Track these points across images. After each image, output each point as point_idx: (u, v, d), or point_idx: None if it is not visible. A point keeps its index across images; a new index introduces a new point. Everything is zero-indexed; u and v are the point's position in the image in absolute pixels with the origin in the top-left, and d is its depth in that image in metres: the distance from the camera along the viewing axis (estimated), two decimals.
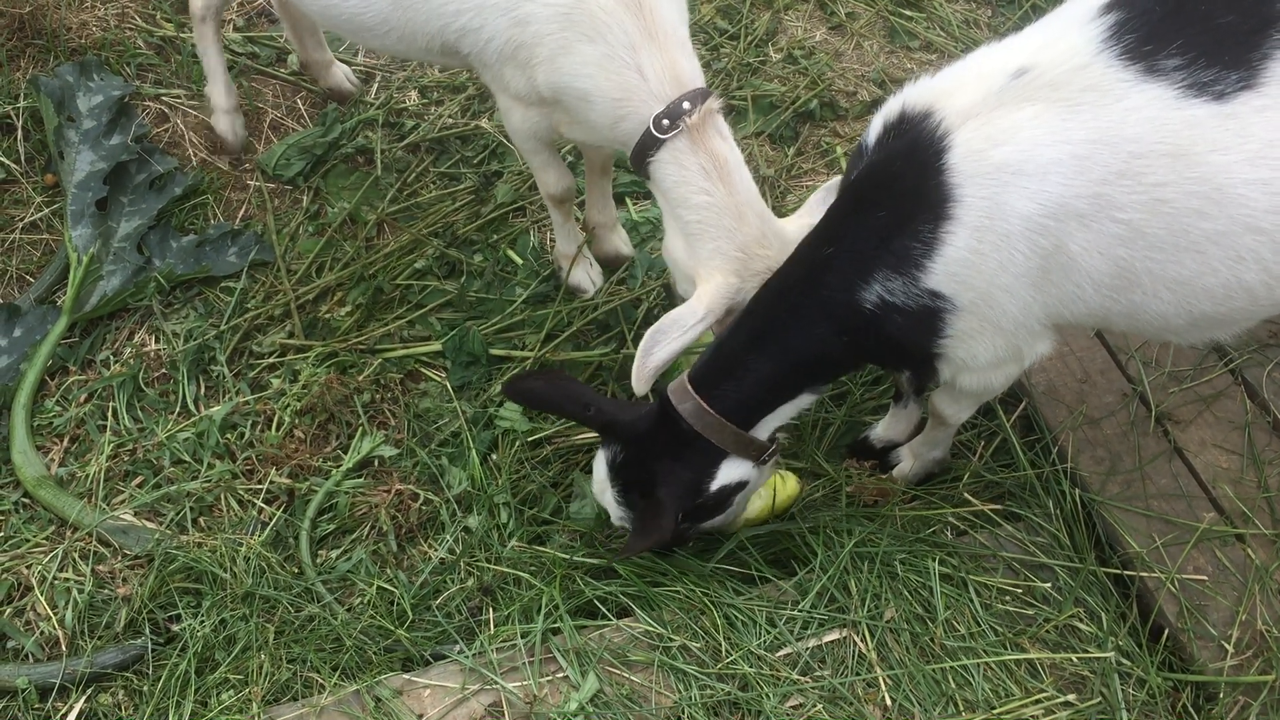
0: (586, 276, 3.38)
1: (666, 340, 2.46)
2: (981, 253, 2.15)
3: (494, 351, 3.25)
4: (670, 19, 2.55)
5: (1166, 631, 2.60)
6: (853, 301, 2.27)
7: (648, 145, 2.54)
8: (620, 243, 3.42)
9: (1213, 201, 2.07)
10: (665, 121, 2.51)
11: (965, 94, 2.17)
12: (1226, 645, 2.55)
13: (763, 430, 2.51)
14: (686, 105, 2.50)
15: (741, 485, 2.56)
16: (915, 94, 2.25)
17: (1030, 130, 2.10)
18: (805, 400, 2.51)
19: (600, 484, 2.62)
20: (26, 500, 3.00)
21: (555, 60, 2.56)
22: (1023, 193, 2.10)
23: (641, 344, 2.46)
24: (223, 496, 3.00)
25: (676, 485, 2.50)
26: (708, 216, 2.54)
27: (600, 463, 2.60)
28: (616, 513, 2.62)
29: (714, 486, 2.52)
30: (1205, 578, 2.66)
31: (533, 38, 2.56)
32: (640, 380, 2.46)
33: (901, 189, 2.20)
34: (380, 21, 2.77)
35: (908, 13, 4.32)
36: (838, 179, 2.57)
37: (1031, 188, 2.10)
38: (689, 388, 2.45)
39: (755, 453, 2.51)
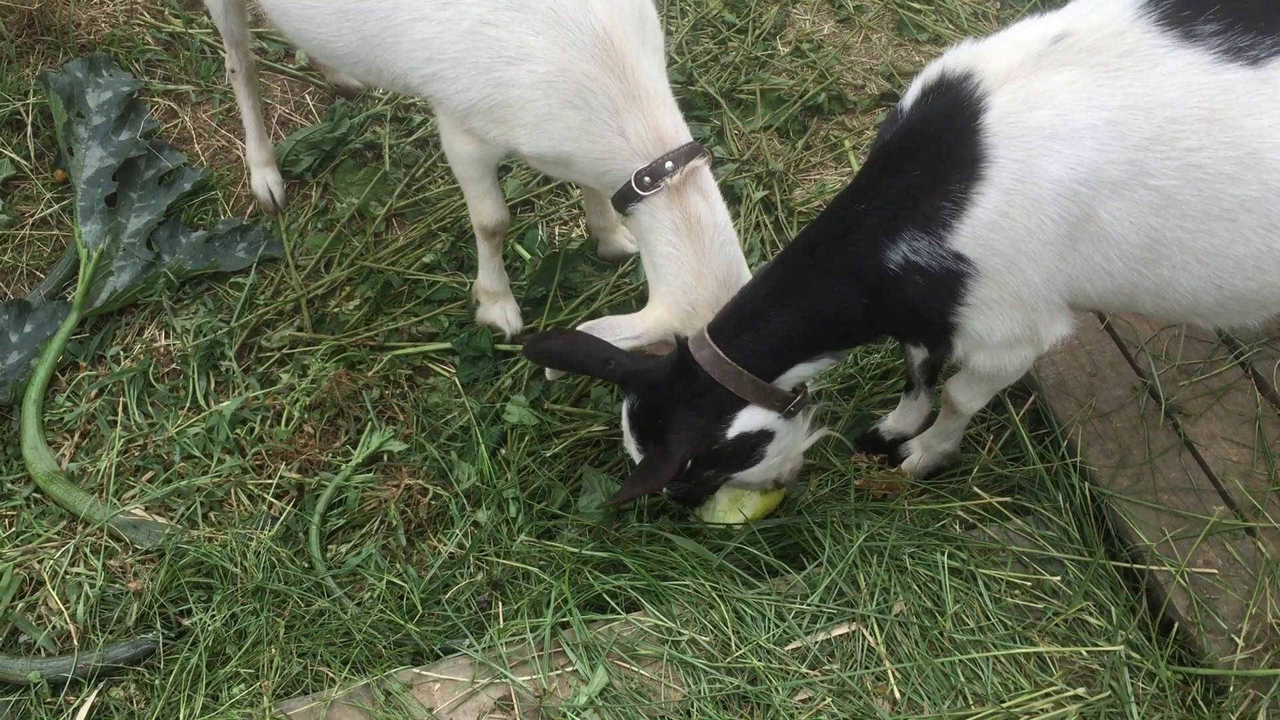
0: (503, 316, 3.26)
1: (598, 336, 2.58)
2: (1010, 216, 2.15)
3: (500, 347, 3.25)
4: (651, 76, 2.57)
5: (1176, 625, 2.60)
6: (878, 260, 2.26)
7: (628, 197, 2.60)
8: (624, 240, 3.43)
9: (1246, 167, 2.06)
10: (646, 179, 2.56)
11: (1004, 58, 2.17)
12: (1237, 638, 2.55)
13: (782, 385, 2.50)
14: (669, 165, 2.55)
15: (767, 435, 2.54)
16: (955, 58, 2.24)
17: (1065, 95, 2.10)
18: (824, 362, 2.51)
19: (626, 435, 2.63)
20: (38, 495, 3.02)
21: (540, 126, 2.58)
22: (1055, 157, 2.10)
23: (578, 329, 2.59)
24: (233, 491, 3.01)
25: (688, 431, 2.49)
26: (670, 265, 2.63)
27: (624, 414, 2.61)
28: (639, 460, 2.63)
29: (731, 434, 2.50)
30: (1215, 571, 2.65)
31: (515, 101, 2.57)
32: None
33: (937, 149, 2.20)
34: (349, 53, 2.78)
35: (916, 6, 4.30)
36: None
37: (1065, 152, 2.09)
38: (706, 337, 2.45)
39: (778, 402, 2.49)
